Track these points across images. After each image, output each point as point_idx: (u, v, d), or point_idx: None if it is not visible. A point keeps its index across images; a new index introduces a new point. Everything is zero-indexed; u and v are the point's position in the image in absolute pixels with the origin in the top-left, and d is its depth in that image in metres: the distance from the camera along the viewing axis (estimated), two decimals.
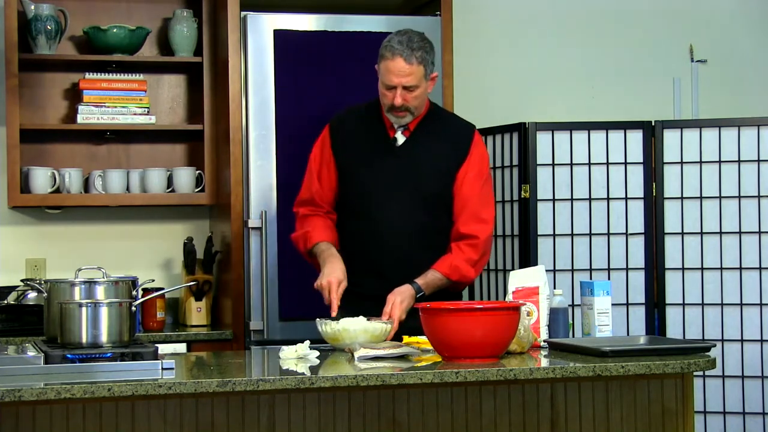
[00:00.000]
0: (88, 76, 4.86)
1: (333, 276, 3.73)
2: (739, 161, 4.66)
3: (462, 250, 3.82)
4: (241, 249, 4.60)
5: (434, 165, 3.86)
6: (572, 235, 4.74)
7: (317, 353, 3.37)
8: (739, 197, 4.65)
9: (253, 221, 4.56)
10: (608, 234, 4.73)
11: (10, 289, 4.60)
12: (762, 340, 4.61)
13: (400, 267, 3.81)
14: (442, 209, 3.87)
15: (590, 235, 4.73)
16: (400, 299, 3.68)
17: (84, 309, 3.17)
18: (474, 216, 3.85)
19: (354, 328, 3.50)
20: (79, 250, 4.95)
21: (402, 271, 3.78)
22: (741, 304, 4.64)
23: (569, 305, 3.98)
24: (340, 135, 3.93)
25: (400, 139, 3.88)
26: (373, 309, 3.66)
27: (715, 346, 3.40)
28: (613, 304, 3.77)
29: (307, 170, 3.99)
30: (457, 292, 3.96)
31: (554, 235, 4.73)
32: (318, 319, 3.58)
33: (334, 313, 3.66)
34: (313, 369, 3.16)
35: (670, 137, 4.72)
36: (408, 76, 3.74)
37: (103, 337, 3.16)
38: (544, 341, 3.54)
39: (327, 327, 3.54)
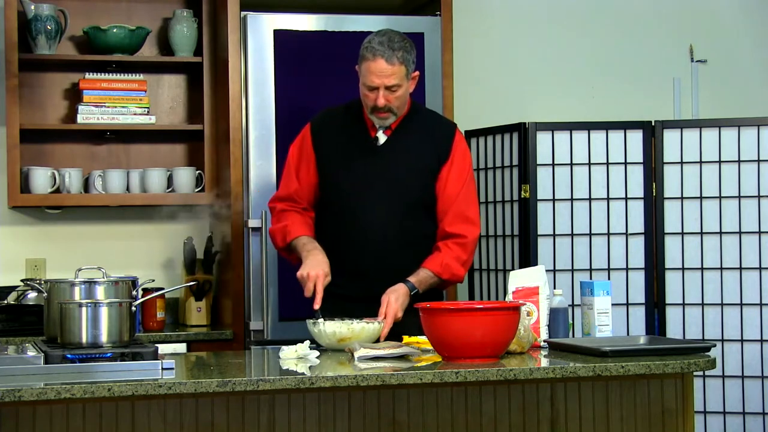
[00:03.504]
0: (88, 76, 4.86)
1: (319, 268, 3.68)
2: (739, 161, 4.66)
3: (451, 249, 3.80)
4: (241, 249, 4.60)
5: (416, 164, 3.83)
6: (572, 235, 4.73)
7: (317, 353, 3.37)
8: (739, 197, 4.65)
9: (253, 221, 4.55)
10: (608, 234, 4.73)
11: (10, 289, 4.60)
12: (762, 340, 4.61)
13: (382, 267, 3.79)
14: (424, 209, 3.84)
15: (590, 235, 4.73)
16: (394, 297, 3.65)
17: (84, 309, 3.16)
18: (460, 216, 3.83)
19: (347, 329, 3.49)
20: (79, 250, 4.95)
21: (384, 272, 3.77)
22: (741, 304, 4.64)
23: (569, 305, 3.98)
24: (321, 134, 3.90)
25: (382, 138, 3.85)
26: (355, 310, 3.62)
27: (715, 346, 3.39)
28: (613, 304, 3.77)
29: (285, 168, 3.96)
30: (442, 290, 3.95)
31: (554, 235, 4.73)
32: (308, 320, 3.58)
33: (317, 306, 3.62)
34: (313, 369, 3.16)
35: (670, 137, 4.72)
36: (390, 77, 3.70)
37: (103, 337, 3.16)
38: (544, 341, 3.54)
39: (320, 327, 3.53)
